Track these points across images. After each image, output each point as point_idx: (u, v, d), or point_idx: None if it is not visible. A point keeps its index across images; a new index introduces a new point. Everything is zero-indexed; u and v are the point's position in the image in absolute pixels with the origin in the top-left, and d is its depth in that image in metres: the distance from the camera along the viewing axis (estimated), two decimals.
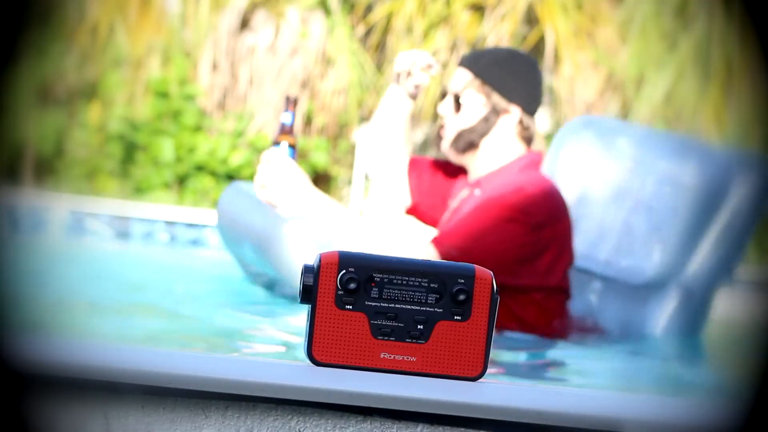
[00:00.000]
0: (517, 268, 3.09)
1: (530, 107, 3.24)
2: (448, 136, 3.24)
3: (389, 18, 8.01)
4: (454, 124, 3.23)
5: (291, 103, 3.05)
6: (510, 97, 3.21)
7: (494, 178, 3.23)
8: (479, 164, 3.25)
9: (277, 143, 3.06)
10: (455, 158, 3.27)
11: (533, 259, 3.13)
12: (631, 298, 3.53)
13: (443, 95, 3.29)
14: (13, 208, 5.46)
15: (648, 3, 8.09)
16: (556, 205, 3.19)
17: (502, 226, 3.09)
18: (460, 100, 3.21)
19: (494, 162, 3.24)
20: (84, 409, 1.35)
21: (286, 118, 3.04)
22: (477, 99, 3.21)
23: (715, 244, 3.55)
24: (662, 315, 3.50)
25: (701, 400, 1.43)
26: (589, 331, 3.32)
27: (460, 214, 3.17)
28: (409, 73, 3.29)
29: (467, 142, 3.22)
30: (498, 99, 3.20)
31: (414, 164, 3.41)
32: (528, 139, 3.26)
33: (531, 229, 3.11)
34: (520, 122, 3.22)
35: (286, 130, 3.05)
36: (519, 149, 3.25)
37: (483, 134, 3.21)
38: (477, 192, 3.21)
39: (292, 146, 3.05)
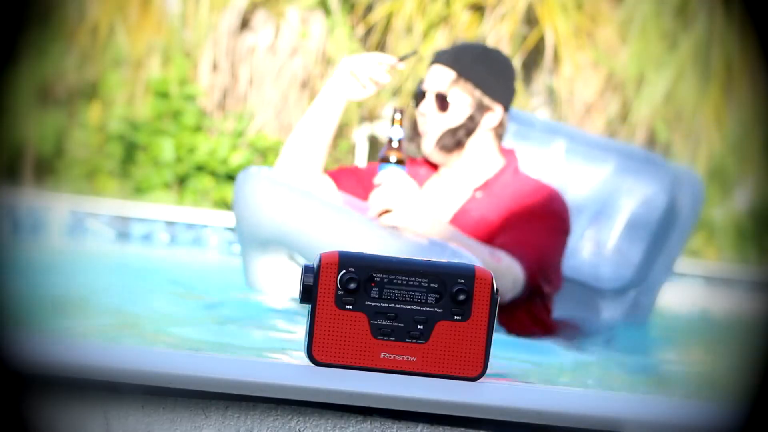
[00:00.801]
0: (552, 274, 3.17)
1: (509, 104, 3.26)
2: (433, 136, 3.23)
3: (389, 18, 8.01)
4: (438, 124, 3.22)
5: (399, 115, 2.92)
6: (493, 96, 3.23)
7: (501, 182, 3.24)
8: (463, 163, 3.26)
9: (385, 160, 2.92)
10: (438, 158, 3.26)
11: (559, 265, 3.20)
12: (587, 299, 3.59)
13: (420, 94, 3.24)
14: (13, 208, 5.46)
15: (648, 3, 8.09)
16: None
17: (554, 235, 3.21)
18: (447, 99, 3.20)
19: (478, 160, 3.26)
20: (84, 409, 1.35)
21: (395, 133, 2.91)
22: (463, 98, 3.21)
23: (668, 253, 3.64)
24: (619, 312, 3.58)
25: (701, 400, 1.43)
26: (566, 328, 3.37)
27: (481, 218, 3.18)
28: (372, 79, 3.14)
29: (455, 142, 3.22)
30: (482, 97, 3.22)
31: (337, 178, 3.30)
32: (501, 136, 3.28)
33: (566, 235, 3.23)
34: (501, 120, 3.24)
35: (395, 146, 2.92)
36: (495, 146, 3.28)
37: (469, 133, 3.23)
38: (479, 195, 3.22)
39: (401, 162, 2.92)
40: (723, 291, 6.25)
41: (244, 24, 7.89)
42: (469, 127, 3.22)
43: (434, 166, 3.31)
